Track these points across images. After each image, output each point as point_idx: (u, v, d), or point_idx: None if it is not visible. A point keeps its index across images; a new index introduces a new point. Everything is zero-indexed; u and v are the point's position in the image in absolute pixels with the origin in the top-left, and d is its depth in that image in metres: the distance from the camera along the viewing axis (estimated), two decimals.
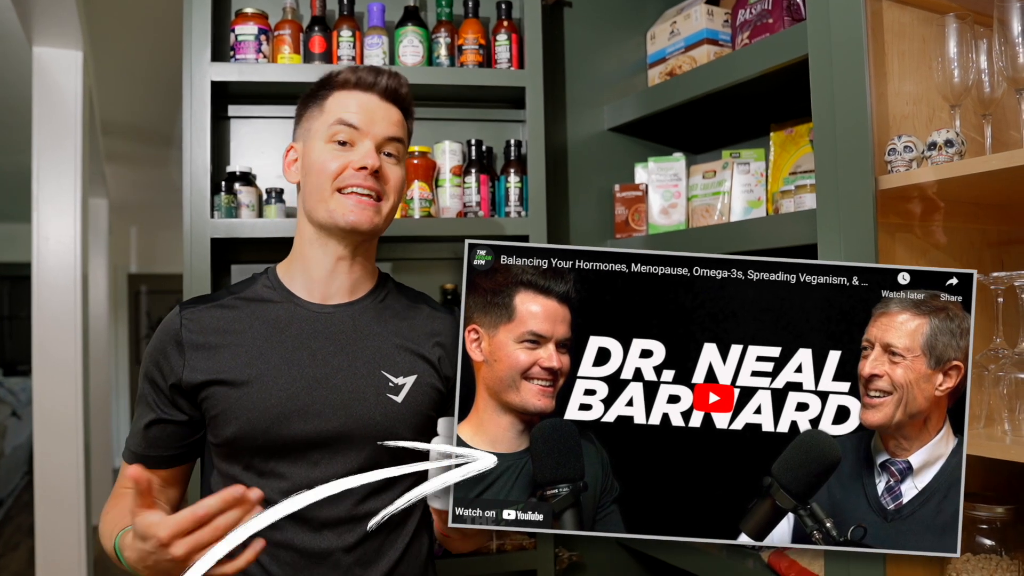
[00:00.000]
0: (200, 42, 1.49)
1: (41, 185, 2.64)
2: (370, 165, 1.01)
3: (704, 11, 1.60)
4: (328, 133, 1.03)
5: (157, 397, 1.02)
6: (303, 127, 1.08)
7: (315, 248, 1.06)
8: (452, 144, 1.64)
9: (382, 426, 1.01)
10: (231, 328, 1.03)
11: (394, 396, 1.03)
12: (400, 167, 1.07)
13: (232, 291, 1.08)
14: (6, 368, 7.18)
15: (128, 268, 6.95)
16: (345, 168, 1.01)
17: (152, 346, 1.04)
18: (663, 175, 1.69)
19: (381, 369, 1.03)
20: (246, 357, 1.00)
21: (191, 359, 1.00)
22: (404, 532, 1.05)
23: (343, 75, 1.05)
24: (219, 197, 1.53)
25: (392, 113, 1.06)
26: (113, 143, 4.40)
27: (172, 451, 1.04)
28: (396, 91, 1.06)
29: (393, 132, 1.05)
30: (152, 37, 2.90)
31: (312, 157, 1.04)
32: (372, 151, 1.02)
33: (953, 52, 1.05)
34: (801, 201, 1.34)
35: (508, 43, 1.63)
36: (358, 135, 1.03)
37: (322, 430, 0.99)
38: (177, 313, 1.04)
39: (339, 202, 1.01)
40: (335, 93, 1.05)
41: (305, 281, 1.06)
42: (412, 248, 1.71)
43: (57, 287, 2.65)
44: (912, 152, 1.05)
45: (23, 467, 5.93)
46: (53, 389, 2.62)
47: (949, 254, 1.17)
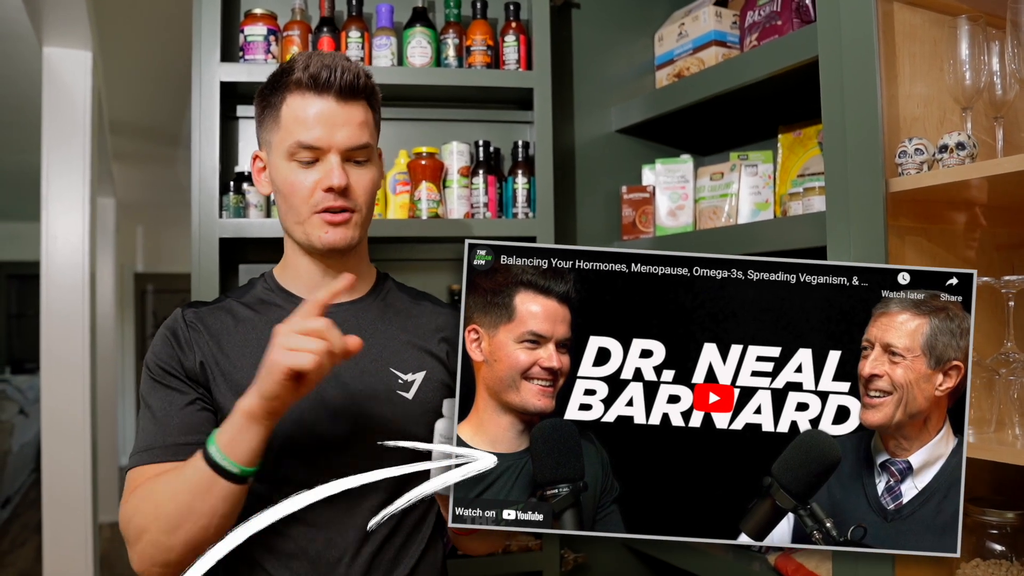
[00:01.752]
0: (209, 43, 1.50)
1: (50, 184, 2.66)
2: (336, 185, 0.96)
3: (712, 13, 1.60)
4: (288, 152, 0.98)
5: (180, 382, 0.98)
6: (263, 136, 1.04)
7: (303, 259, 1.05)
8: (460, 145, 1.64)
9: (394, 423, 1.00)
10: (235, 331, 1.02)
11: (404, 393, 1.02)
12: (371, 168, 1.02)
13: (232, 296, 1.07)
14: (14, 366, 7.21)
15: (135, 267, 6.97)
16: (314, 190, 0.98)
17: (154, 345, 1.01)
18: (670, 177, 1.69)
19: (390, 366, 1.03)
20: (252, 359, 0.98)
21: (196, 354, 0.99)
22: (419, 539, 1.03)
23: (296, 74, 0.98)
24: (227, 197, 1.53)
25: (354, 114, 0.99)
26: (121, 142, 4.42)
27: (207, 437, 0.97)
28: (353, 85, 0.98)
29: (357, 140, 0.99)
30: (161, 37, 2.91)
31: (279, 177, 1.00)
32: (337, 167, 0.97)
33: (965, 54, 1.05)
34: (809, 203, 1.33)
35: (516, 44, 1.63)
36: (320, 152, 0.98)
37: (333, 432, 0.98)
38: (180, 313, 1.02)
39: (313, 224, 0.99)
40: (289, 97, 0.98)
41: (301, 284, 1.06)
42: (419, 249, 1.71)
43: (65, 286, 2.66)
44: (923, 155, 1.05)
45: (30, 464, 5.96)
46: (61, 387, 2.63)
47: (959, 257, 1.17)
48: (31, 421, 5.76)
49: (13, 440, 5.37)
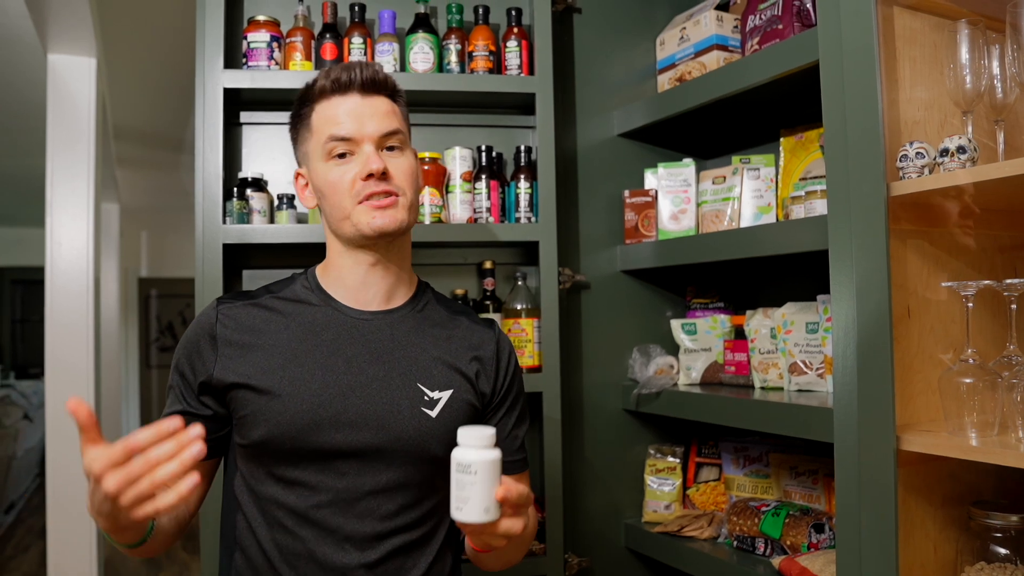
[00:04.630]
0: (213, 49, 1.50)
1: (54, 190, 2.67)
2: (375, 170, 0.98)
3: (714, 17, 1.60)
4: (325, 151, 1.01)
5: (185, 390, 1.01)
6: (301, 151, 1.06)
7: (346, 258, 1.04)
8: (462, 150, 1.64)
9: (415, 441, 0.99)
10: (267, 328, 1.01)
11: (429, 410, 1.01)
12: (407, 155, 1.04)
13: (271, 290, 1.07)
14: (18, 371, 7.23)
15: (139, 272, 6.99)
16: (355, 181, 0.99)
17: (186, 338, 1.02)
18: (673, 181, 1.69)
19: (417, 382, 1.02)
20: (280, 359, 0.99)
21: (224, 356, 0.99)
22: (428, 551, 1.02)
23: (318, 84, 1.02)
24: (231, 203, 1.54)
25: (379, 104, 1.02)
26: (125, 148, 4.44)
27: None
28: (374, 80, 1.02)
29: (387, 126, 1.01)
30: (165, 44, 2.92)
31: (320, 180, 1.02)
32: (373, 154, 0.99)
33: (965, 58, 1.05)
34: (811, 207, 1.33)
35: (518, 49, 1.64)
36: (354, 144, 1.00)
37: (352, 441, 0.97)
38: (214, 308, 1.03)
39: (360, 214, 0.99)
40: (317, 106, 1.02)
41: (341, 287, 1.05)
42: (422, 254, 1.72)
43: (70, 291, 2.67)
44: (924, 158, 1.05)
45: (35, 470, 5.97)
46: (65, 392, 2.64)
47: (961, 260, 1.17)
48: (35, 426, 5.77)
49: (18, 445, 5.38)
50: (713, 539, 1.57)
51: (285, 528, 0.97)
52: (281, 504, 0.97)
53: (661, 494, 1.69)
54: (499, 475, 0.84)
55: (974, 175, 0.98)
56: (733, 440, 1.67)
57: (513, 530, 0.85)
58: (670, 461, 1.70)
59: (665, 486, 1.69)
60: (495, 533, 0.85)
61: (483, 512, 0.83)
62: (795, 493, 1.54)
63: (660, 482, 1.70)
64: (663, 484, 1.69)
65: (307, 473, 0.97)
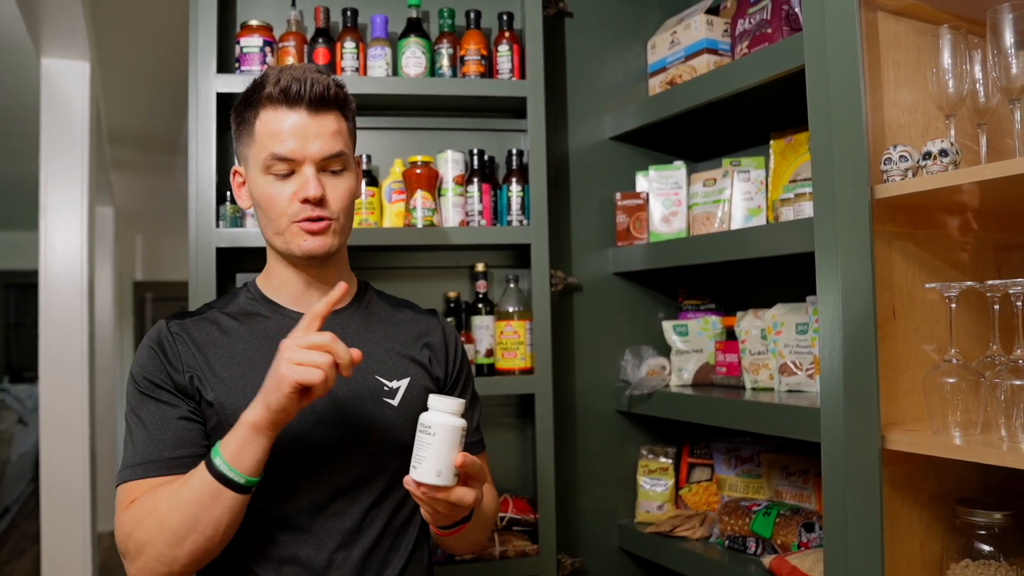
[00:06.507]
0: (206, 54, 1.51)
1: (48, 194, 2.67)
2: (312, 196, 0.97)
3: (704, 21, 1.62)
4: (264, 165, 0.99)
5: (171, 395, 0.98)
6: (240, 151, 1.05)
7: (286, 269, 1.06)
8: (454, 154, 1.65)
9: (381, 431, 1.02)
10: (221, 340, 1.02)
11: (390, 400, 1.04)
12: (346, 177, 1.02)
13: (216, 306, 1.08)
14: (12, 375, 7.21)
15: (133, 275, 6.97)
16: (291, 200, 0.99)
17: (141, 357, 1.00)
18: (664, 183, 1.70)
19: (375, 374, 1.04)
20: (238, 369, 0.99)
21: (184, 367, 0.98)
22: (407, 539, 1.05)
23: (268, 88, 0.99)
24: (224, 207, 1.55)
25: (326, 124, 0.99)
26: (119, 152, 4.44)
27: (200, 449, 0.97)
28: (324, 97, 0.99)
29: (330, 149, 0.99)
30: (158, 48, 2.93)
31: (257, 191, 1.01)
32: (313, 178, 0.98)
33: (947, 62, 1.07)
34: (801, 209, 1.35)
35: (510, 54, 1.65)
36: (295, 164, 0.98)
37: (321, 440, 0.99)
38: (164, 325, 1.02)
39: (293, 234, 1.00)
40: (262, 113, 0.99)
41: (285, 294, 1.07)
42: (415, 257, 1.73)
43: (64, 295, 2.67)
44: (907, 161, 1.06)
45: (29, 474, 5.95)
46: (59, 396, 2.64)
47: (945, 261, 1.18)
48: (30, 430, 5.76)
49: (12, 449, 5.37)
50: (705, 539, 1.58)
51: (266, 535, 0.98)
52: (259, 512, 0.97)
53: (654, 494, 1.70)
54: (458, 444, 0.87)
55: (956, 178, 0.99)
56: (725, 440, 1.68)
57: (465, 499, 0.89)
58: (662, 462, 1.71)
59: (657, 486, 1.70)
60: (447, 500, 0.88)
61: (435, 475, 0.86)
62: (786, 493, 1.55)
63: (653, 483, 1.71)
64: (655, 485, 1.71)
65: (281, 480, 0.97)
